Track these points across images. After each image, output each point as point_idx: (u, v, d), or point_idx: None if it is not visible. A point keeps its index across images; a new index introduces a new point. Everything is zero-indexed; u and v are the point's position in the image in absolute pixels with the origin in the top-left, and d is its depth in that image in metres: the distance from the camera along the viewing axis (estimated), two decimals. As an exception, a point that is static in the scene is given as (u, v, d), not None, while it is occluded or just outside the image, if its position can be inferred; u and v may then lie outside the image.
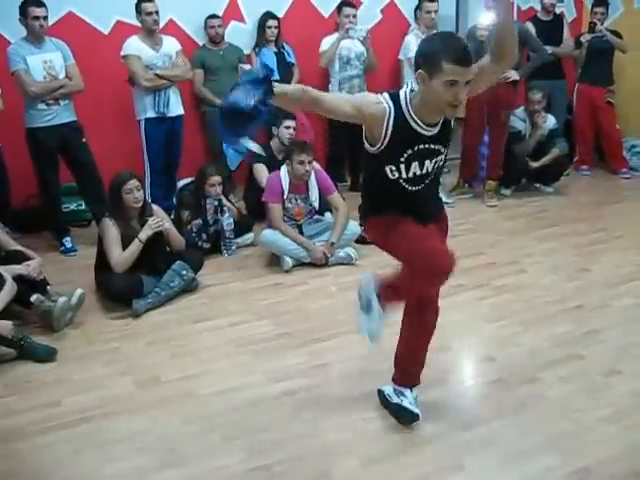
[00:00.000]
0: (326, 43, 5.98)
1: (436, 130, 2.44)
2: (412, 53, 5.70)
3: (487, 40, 5.38)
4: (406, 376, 2.93)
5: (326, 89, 6.12)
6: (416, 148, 2.44)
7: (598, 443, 2.76)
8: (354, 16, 5.98)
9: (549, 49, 6.26)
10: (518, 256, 4.79)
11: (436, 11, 5.87)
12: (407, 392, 2.91)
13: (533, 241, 5.11)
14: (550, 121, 6.24)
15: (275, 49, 6.06)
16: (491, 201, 6.00)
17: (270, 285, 4.42)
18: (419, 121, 2.40)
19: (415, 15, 6.46)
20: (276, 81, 2.21)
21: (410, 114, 2.39)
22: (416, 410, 2.86)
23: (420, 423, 2.88)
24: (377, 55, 6.12)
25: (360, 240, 4.91)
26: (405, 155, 2.44)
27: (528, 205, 6.05)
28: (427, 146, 2.45)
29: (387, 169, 2.48)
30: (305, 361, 3.43)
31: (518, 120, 6.19)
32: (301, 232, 4.72)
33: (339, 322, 3.82)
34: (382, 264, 4.57)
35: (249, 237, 5.11)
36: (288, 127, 5.33)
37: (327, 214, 4.97)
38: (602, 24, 6.61)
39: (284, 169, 4.68)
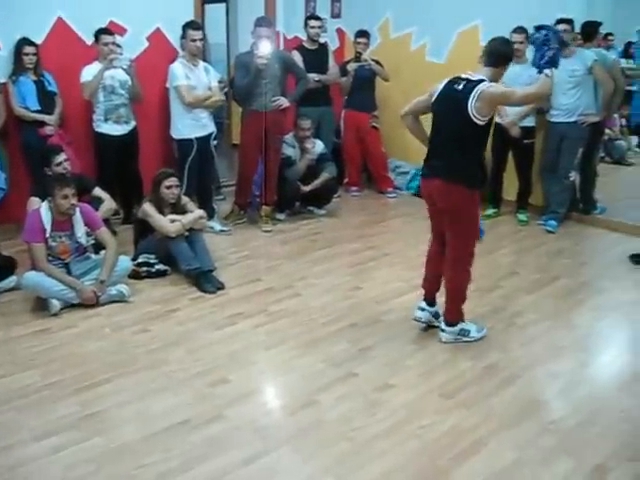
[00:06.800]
0: (87, 74, 5.67)
1: None
2: (178, 81, 5.64)
3: (265, 67, 5.51)
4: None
5: (91, 119, 5.84)
6: None
7: (376, 458, 2.86)
8: (114, 43, 5.75)
9: (316, 77, 6.57)
10: (293, 280, 4.87)
11: (201, 39, 5.80)
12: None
13: (307, 264, 5.22)
14: (319, 146, 6.47)
15: (34, 77, 5.66)
16: (266, 226, 6.06)
17: (36, 331, 4.06)
18: None
19: (181, 43, 6.39)
20: (38, 111, 2.12)
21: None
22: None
23: (199, 462, 2.82)
24: (145, 83, 5.95)
25: (133, 275, 4.73)
26: None
27: (302, 228, 6.19)
28: None
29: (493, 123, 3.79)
30: (76, 411, 3.19)
31: (288, 146, 6.34)
32: (69, 272, 4.41)
33: (113, 364, 3.64)
34: (156, 300, 4.49)
35: (11, 280, 4.68)
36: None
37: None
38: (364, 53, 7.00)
39: (45, 205, 4.35)
